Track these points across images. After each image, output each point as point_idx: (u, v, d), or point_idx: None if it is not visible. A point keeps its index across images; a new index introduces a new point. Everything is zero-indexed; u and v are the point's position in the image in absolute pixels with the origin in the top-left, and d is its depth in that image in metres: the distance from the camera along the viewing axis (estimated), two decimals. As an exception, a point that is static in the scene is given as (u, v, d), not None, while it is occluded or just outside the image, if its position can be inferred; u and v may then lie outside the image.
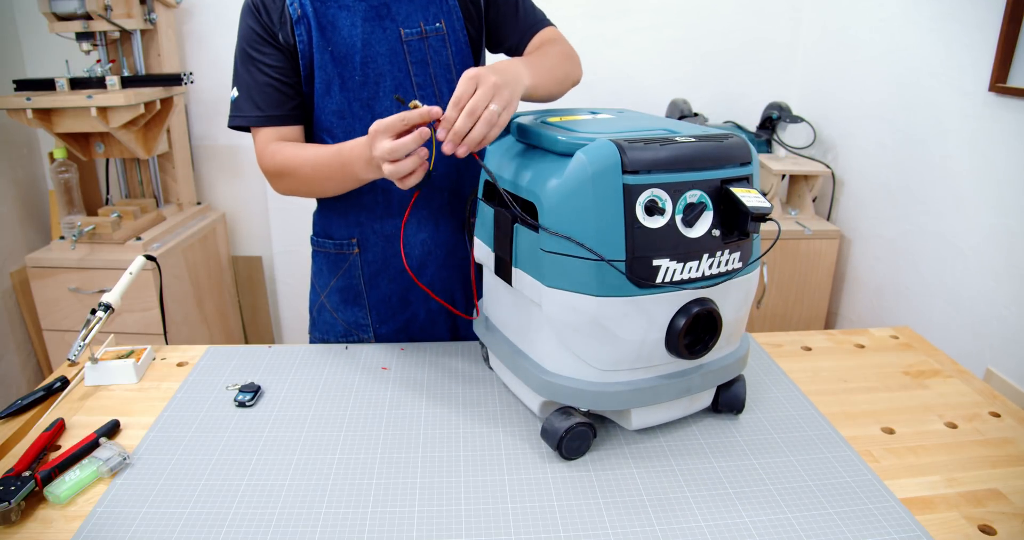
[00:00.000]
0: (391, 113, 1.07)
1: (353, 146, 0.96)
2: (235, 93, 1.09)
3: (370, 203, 1.15)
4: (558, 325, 0.83)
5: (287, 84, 1.08)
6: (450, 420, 0.95)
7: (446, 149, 0.84)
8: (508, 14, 1.18)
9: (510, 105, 0.86)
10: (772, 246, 0.84)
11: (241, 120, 1.09)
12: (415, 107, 0.85)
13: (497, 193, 0.93)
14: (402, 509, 0.78)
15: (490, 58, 1.22)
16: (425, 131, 0.84)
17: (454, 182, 1.16)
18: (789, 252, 2.20)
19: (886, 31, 2.04)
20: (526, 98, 0.96)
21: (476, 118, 0.83)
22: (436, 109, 0.84)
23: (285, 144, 1.07)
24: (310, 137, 1.14)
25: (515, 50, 1.20)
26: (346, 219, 1.17)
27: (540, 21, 1.21)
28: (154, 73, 2.28)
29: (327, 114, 1.09)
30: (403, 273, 1.18)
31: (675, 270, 0.79)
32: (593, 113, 1.00)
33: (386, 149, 0.84)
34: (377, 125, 0.86)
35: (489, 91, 0.83)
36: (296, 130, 1.11)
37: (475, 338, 1.21)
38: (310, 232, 1.24)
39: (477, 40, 1.16)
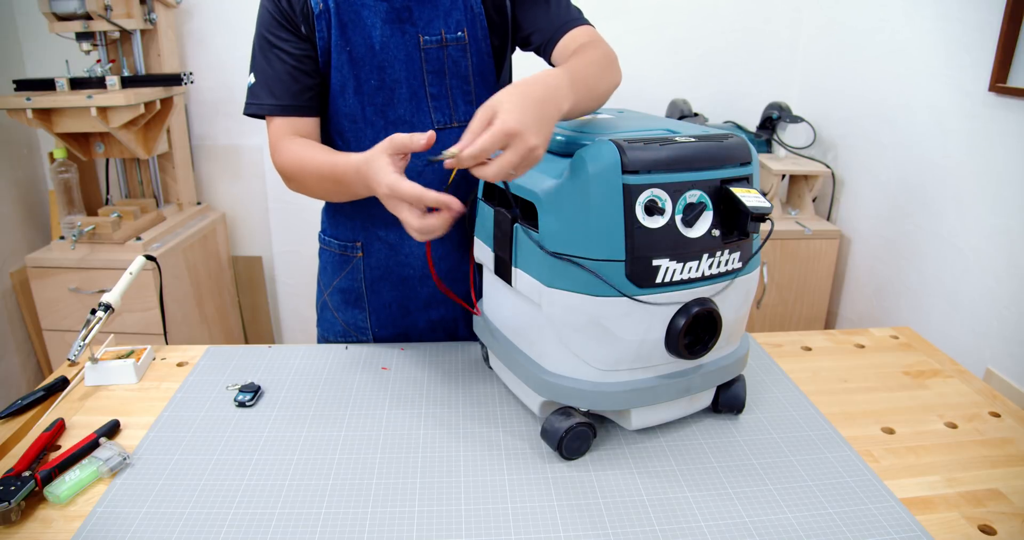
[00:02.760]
0: (404, 122, 1.06)
1: (347, 167, 0.91)
2: (252, 79, 1.06)
3: (376, 210, 1.12)
4: (558, 325, 0.83)
5: (304, 72, 1.04)
6: (450, 420, 0.95)
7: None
8: (539, 12, 1.08)
9: (534, 162, 0.77)
10: (764, 243, 0.84)
11: (256, 108, 1.06)
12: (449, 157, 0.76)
13: (497, 193, 0.93)
14: (402, 509, 0.78)
15: (518, 57, 1.18)
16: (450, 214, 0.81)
17: (462, 196, 1.14)
18: (789, 252, 2.20)
19: (886, 31, 2.04)
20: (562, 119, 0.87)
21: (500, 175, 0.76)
22: (455, 203, 0.80)
23: (295, 143, 1.04)
24: (324, 136, 1.12)
25: (544, 49, 1.09)
26: (352, 222, 1.16)
27: (573, 19, 1.09)
28: (154, 73, 2.28)
29: (339, 117, 1.07)
30: (405, 281, 1.17)
31: (675, 270, 0.79)
32: (593, 113, 1.00)
33: (416, 227, 0.81)
34: (394, 190, 0.80)
35: (518, 157, 0.74)
36: (311, 122, 1.07)
37: (456, 340, 1.21)
38: (311, 231, 1.24)
39: (501, 50, 1.12)
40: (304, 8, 1.02)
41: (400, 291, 1.18)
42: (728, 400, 0.95)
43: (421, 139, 0.81)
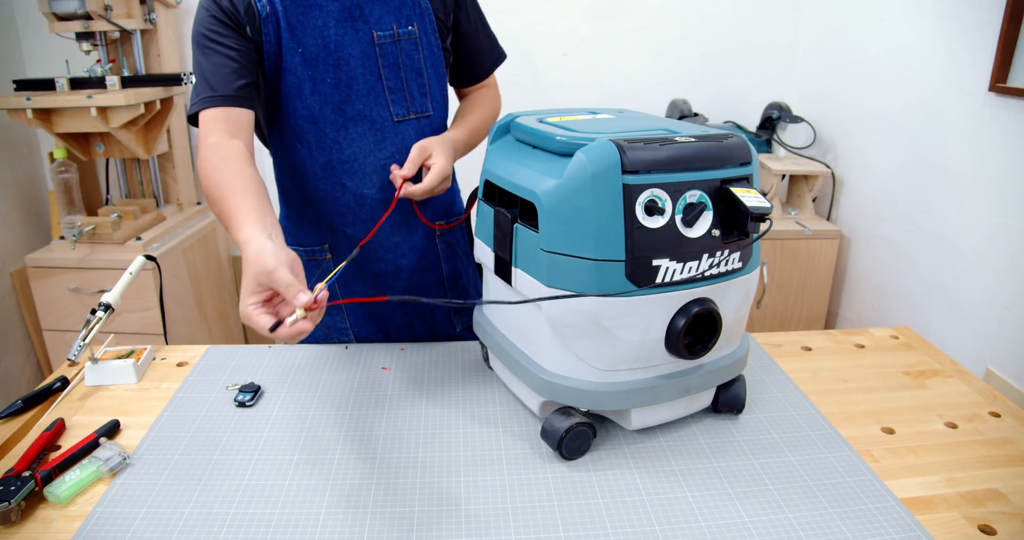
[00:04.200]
0: (363, 117, 1.08)
1: (236, 237, 0.83)
2: (194, 80, 1.02)
3: (342, 208, 1.13)
4: (558, 325, 0.83)
5: (244, 68, 1.01)
6: (450, 420, 0.95)
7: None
8: (473, 49, 1.20)
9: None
10: (759, 237, 0.84)
11: (197, 106, 1.00)
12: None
13: (496, 193, 0.93)
14: (402, 509, 0.78)
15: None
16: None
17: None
18: (789, 252, 2.20)
19: (886, 31, 2.04)
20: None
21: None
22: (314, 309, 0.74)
23: (224, 164, 0.92)
24: (281, 144, 1.11)
25: (468, 83, 1.25)
26: (317, 225, 1.16)
27: (494, 62, 1.25)
28: (154, 73, 2.28)
29: (298, 119, 1.07)
30: (379, 277, 1.18)
31: (675, 270, 0.79)
32: (593, 113, 1.00)
33: (286, 336, 0.76)
34: (250, 321, 0.76)
35: (441, 190, 1.09)
36: (244, 115, 1.00)
37: (455, 339, 1.22)
38: None
39: (448, 46, 1.16)
40: (249, 10, 1.01)
41: (374, 287, 1.19)
42: (728, 400, 0.95)
43: (302, 299, 0.73)
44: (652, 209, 0.78)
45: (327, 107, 1.06)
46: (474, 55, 1.20)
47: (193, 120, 1.02)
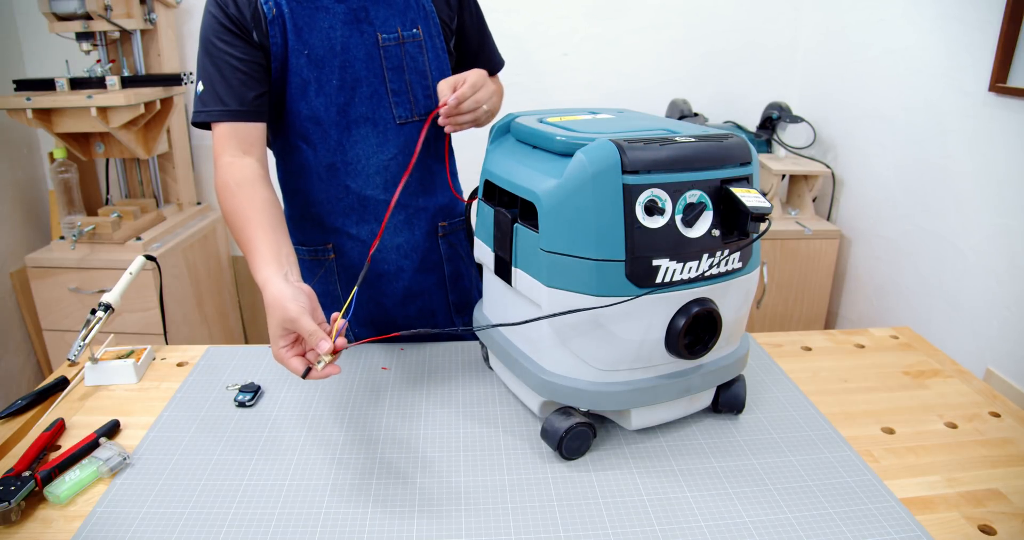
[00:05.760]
0: (366, 119, 1.08)
1: (255, 271, 0.88)
2: (200, 87, 1.02)
3: (345, 209, 1.14)
4: (558, 325, 0.83)
5: (254, 78, 1.02)
6: (450, 420, 0.95)
7: (444, 126, 1.05)
8: (476, 51, 1.20)
9: (493, 113, 1.10)
10: (758, 237, 0.84)
11: (205, 116, 1.01)
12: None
13: (496, 193, 0.93)
14: (402, 509, 0.78)
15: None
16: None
17: (425, 187, 1.17)
18: (789, 252, 2.20)
19: (886, 31, 2.04)
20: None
21: (471, 112, 1.04)
22: (329, 347, 0.78)
23: (241, 191, 0.96)
24: (285, 144, 1.11)
25: None
26: (322, 225, 1.16)
27: (496, 66, 1.25)
28: (154, 73, 2.28)
29: (302, 120, 1.07)
30: (380, 278, 1.18)
31: (675, 270, 0.79)
32: (593, 113, 1.00)
33: (307, 378, 0.80)
34: (281, 361, 0.81)
35: (484, 96, 1.04)
36: (256, 128, 1.02)
37: (455, 340, 1.22)
38: None
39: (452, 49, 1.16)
40: (255, 14, 1.01)
41: (376, 288, 1.19)
42: (728, 400, 0.95)
43: (324, 347, 0.78)
44: (652, 209, 0.78)
45: (331, 109, 1.06)
46: (478, 57, 1.20)
47: (198, 123, 1.03)
